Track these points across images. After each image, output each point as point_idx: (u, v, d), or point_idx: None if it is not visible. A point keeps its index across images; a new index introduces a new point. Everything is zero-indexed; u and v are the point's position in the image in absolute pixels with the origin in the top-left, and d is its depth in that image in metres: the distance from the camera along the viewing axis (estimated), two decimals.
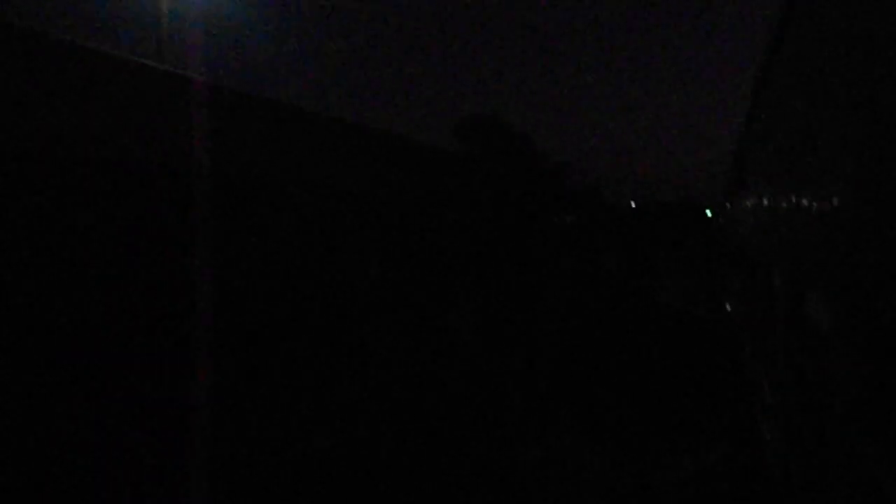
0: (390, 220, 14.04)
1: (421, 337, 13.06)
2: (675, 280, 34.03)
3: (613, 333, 18.95)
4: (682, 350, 16.96)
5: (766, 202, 7.10)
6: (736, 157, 12.78)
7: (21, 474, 5.64)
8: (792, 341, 4.88)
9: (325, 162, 11.34)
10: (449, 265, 16.75)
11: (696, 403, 11.41)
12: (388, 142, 14.56)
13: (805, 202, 4.21)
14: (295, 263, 10.31)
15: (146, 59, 7.32)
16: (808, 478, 4.24)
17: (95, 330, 6.23)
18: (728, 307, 19.41)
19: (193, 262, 7.27)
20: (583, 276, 30.22)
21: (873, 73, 2.22)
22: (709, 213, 49.73)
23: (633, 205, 65.64)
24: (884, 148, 2.02)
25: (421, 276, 15.05)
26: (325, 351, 10.79)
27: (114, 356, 6.61)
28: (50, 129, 6.02)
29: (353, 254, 12.21)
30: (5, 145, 5.48)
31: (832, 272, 3.09)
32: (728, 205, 21.72)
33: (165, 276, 7.10)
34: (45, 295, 6.00)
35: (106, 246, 6.52)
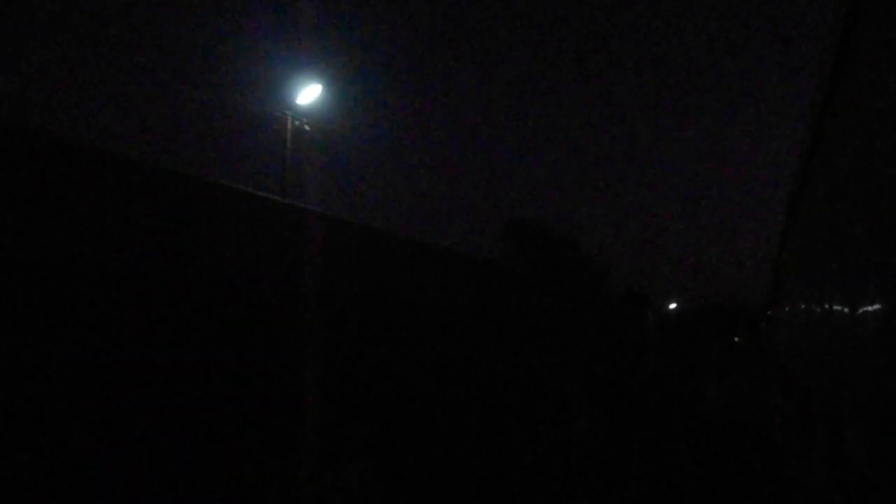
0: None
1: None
2: (718, 389, 32.60)
3: (655, 440, 18.78)
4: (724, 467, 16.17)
5: (801, 318, 6.70)
6: (774, 269, 12.35)
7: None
8: (832, 475, 4.38)
9: (405, 276, 13.13)
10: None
11: None
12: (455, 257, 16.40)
13: (839, 322, 3.88)
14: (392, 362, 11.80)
15: (273, 195, 9.37)
16: None
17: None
18: (775, 419, 18.27)
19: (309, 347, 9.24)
20: (626, 379, 29.25)
21: None
22: (753, 320, 48.28)
23: (674, 307, 64.18)
24: None
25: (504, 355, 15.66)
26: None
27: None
28: (215, 254, 7.76)
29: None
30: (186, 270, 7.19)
31: (870, 408, 2.75)
32: (769, 312, 20.95)
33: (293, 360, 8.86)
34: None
35: (255, 337, 8.43)
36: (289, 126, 17.39)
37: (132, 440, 6.44)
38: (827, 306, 4.33)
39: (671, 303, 64.62)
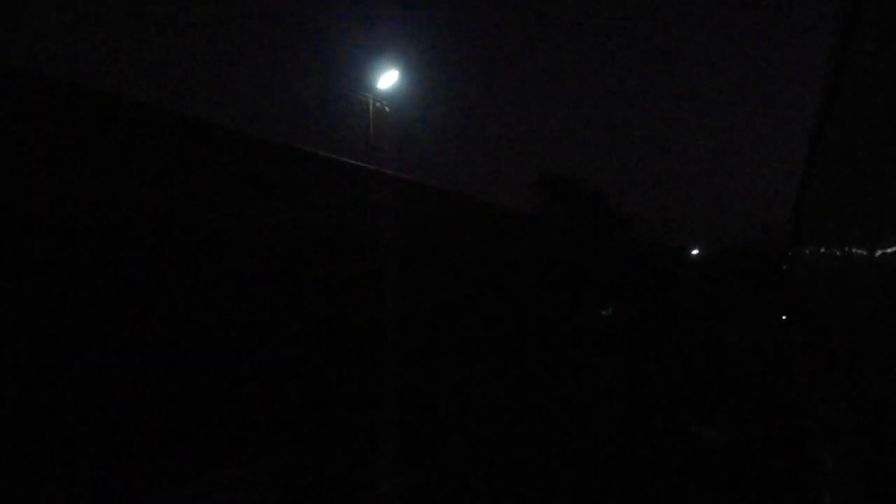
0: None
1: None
2: (742, 324, 33.09)
3: (689, 367, 20.19)
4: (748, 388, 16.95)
5: (821, 258, 6.66)
6: (795, 210, 12.16)
7: None
8: (853, 410, 4.45)
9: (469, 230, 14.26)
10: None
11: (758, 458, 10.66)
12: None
13: (859, 261, 3.88)
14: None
15: (360, 162, 10.57)
16: None
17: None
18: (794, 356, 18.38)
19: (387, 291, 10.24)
20: (659, 319, 29.57)
21: None
22: (775, 263, 47.84)
23: (698, 252, 63.67)
24: None
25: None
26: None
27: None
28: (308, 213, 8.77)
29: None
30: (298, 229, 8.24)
31: (889, 347, 2.79)
32: (790, 255, 20.73)
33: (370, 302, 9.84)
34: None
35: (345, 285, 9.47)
36: (370, 107, 19.68)
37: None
38: (848, 248, 4.32)
39: (693, 249, 64.00)
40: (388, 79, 19.47)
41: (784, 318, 28.34)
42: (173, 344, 6.87)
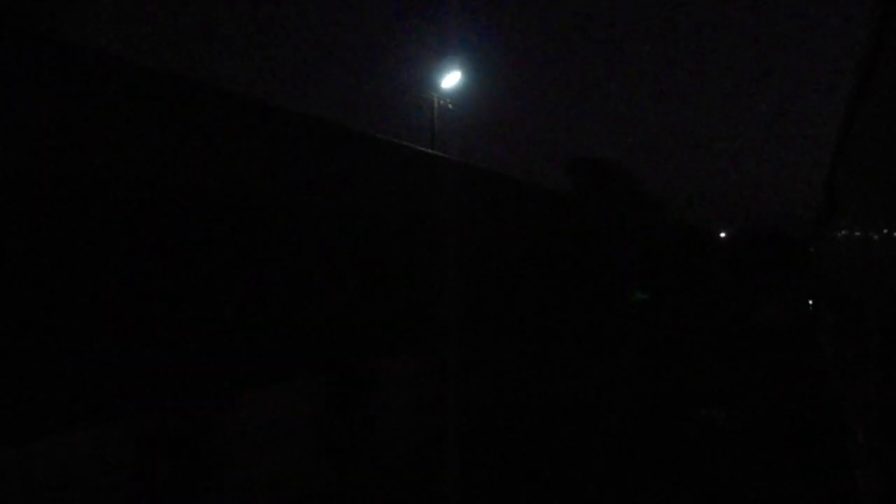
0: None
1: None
2: (771, 304, 32.85)
3: (718, 344, 20.53)
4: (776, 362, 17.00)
5: (857, 235, 6.47)
6: (828, 189, 11.83)
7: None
8: (887, 384, 4.34)
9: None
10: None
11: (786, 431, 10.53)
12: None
13: None
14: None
15: (424, 147, 11.32)
16: None
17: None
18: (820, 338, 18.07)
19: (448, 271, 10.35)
20: (688, 298, 29.50)
21: None
22: (803, 244, 46.99)
23: (725, 235, 62.70)
24: None
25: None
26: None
27: None
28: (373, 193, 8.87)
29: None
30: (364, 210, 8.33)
31: None
32: (820, 236, 20.26)
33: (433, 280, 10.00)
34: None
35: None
36: (435, 105, 21.60)
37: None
38: (886, 229, 4.19)
39: (721, 231, 62.99)
40: (451, 79, 21.32)
41: (811, 299, 27.89)
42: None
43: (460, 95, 22.48)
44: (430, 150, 10.88)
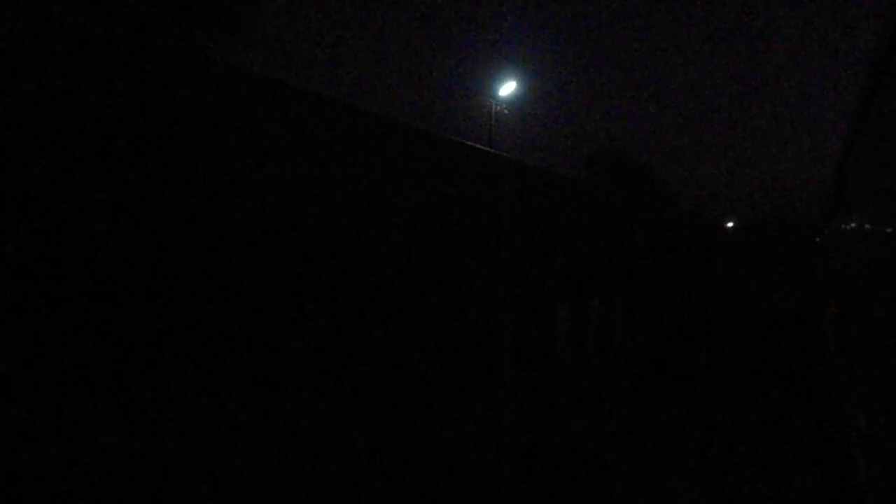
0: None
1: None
2: (782, 289, 32.95)
3: (730, 329, 20.75)
4: (786, 344, 17.04)
5: (868, 226, 6.36)
6: (837, 179, 11.64)
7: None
8: (893, 374, 4.28)
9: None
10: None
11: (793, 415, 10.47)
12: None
13: None
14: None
15: (483, 146, 11.46)
16: None
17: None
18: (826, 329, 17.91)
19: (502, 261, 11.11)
20: (699, 283, 29.43)
21: None
22: (812, 234, 46.67)
23: (733, 225, 62.26)
24: None
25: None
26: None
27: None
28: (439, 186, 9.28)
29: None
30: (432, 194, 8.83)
31: None
32: (830, 226, 20.01)
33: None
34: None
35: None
36: (493, 111, 23.73)
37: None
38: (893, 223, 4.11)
39: (728, 221, 62.50)
40: (507, 88, 23.31)
41: (816, 289, 27.74)
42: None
43: (515, 101, 25.45)
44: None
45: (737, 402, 11.63)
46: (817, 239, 33.29)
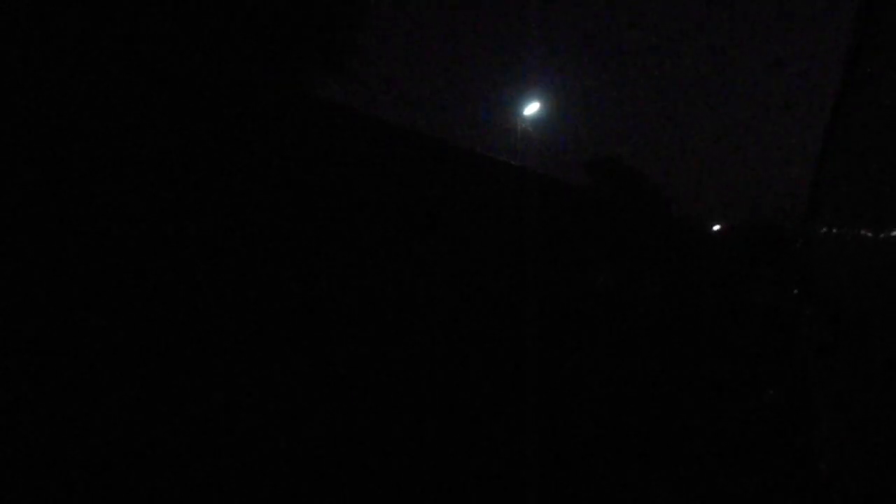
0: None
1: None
2: (760, 293, 33.42)
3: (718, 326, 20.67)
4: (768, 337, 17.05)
5: (836, 233, 6.48)
6: (812, 187, 11.81)
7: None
8: (856, 375, 4.39)
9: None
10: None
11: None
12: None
13: (874, 239, 3.78)
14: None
15: (510, 160, 11.72)
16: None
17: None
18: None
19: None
20: (687, 282, 29.75)
21: None
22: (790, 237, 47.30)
23: (720, 228, 62.89)
24: None
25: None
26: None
27: None
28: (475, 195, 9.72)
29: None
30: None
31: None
32: (804, 229, 20.26)
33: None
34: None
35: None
36: (518, 129, 25.26)
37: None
38: (863, 229, 4.20)
39: (714, 224, 62.99)
40: (531, 108, 24.84)
41: (796, 290, 28.17)
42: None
43: (538, 121, 27.12)
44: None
45: (712, 398, 11.72)
46: (798, 241, 33.75)
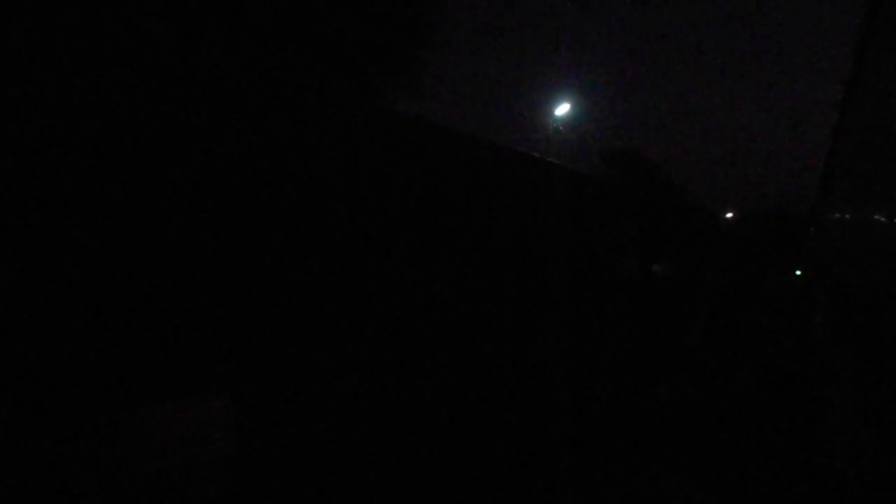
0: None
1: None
2: (776, 277, 33.31)
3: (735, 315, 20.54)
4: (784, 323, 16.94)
5: (848, 218, 6.42)
6: (823, 175, 11.68)
7: None
8: (868, 358, 4.37)
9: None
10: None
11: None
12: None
13: (888, 223, 3.78)
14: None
15: (543, 156, 12.89)
16: (872, 482, 3.77)
17: None
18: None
19: None
20: (700, 271, 29.87)
21: None
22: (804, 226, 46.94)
23: (732, 216, 62.34)
24: None
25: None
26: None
27: None
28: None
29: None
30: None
31: None
32: (815, 217, 20.01)
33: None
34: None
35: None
36: (550, 129, 25.35)
37: None
38: (875, 214, 4.19)
39: (727, 212, 62.34)
40: (562, 108, 25.14)
41: (808, 275, 27.99)
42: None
43: (569, 120, 27.45)
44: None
45: (729, 393, 11.64)
46: (811, 228, 33.37)
